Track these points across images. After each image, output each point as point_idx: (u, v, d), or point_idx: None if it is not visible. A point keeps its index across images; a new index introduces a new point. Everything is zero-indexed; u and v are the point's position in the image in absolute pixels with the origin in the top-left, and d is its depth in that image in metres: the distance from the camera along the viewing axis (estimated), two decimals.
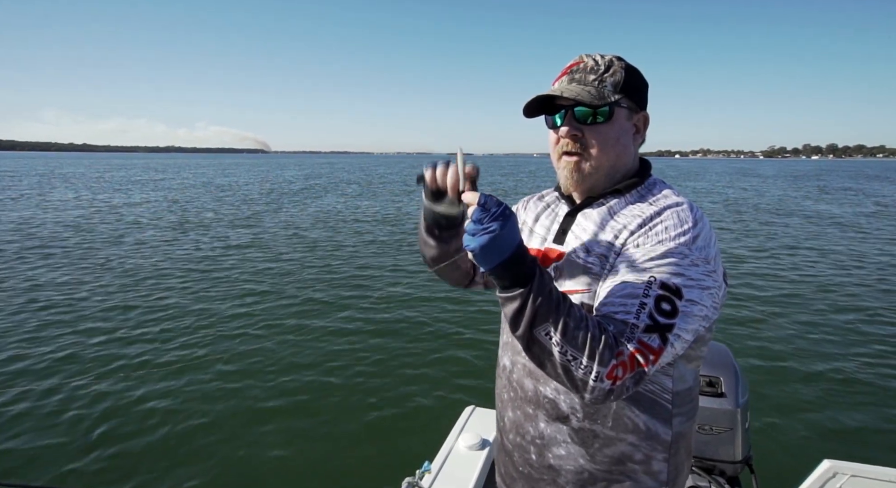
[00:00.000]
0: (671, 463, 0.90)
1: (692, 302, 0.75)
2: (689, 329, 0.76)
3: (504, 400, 1.03)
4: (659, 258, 0.77)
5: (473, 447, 1.76)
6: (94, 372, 3.88)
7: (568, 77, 0.89)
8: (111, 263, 7.55)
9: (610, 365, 0.70)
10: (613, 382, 0.70)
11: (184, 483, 2.70)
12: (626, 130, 0.90)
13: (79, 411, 3.35)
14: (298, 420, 3.32)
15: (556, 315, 0.71)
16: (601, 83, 0.86)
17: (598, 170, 0.89)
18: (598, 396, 0.72)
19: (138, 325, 4.92)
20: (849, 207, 16.81)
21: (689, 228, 0.79)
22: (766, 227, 12.00)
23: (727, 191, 24.38)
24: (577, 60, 0.90)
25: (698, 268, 0.77)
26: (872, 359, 4.15)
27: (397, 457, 2.90)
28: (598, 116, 0.86)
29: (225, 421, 3.30)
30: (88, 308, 5.42)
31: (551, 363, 0.73)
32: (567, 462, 0.91)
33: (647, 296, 0.74)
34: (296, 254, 8.56)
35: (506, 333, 1.04)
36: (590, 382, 0.70)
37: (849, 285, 6.54)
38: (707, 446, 1.65)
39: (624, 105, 0.88)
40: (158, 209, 14.90)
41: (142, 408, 3.42)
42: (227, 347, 4.48)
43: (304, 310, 5.54)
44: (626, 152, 0.91)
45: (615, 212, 0.89)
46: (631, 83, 0.88)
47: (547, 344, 0.71)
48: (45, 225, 11.31)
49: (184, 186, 25.69)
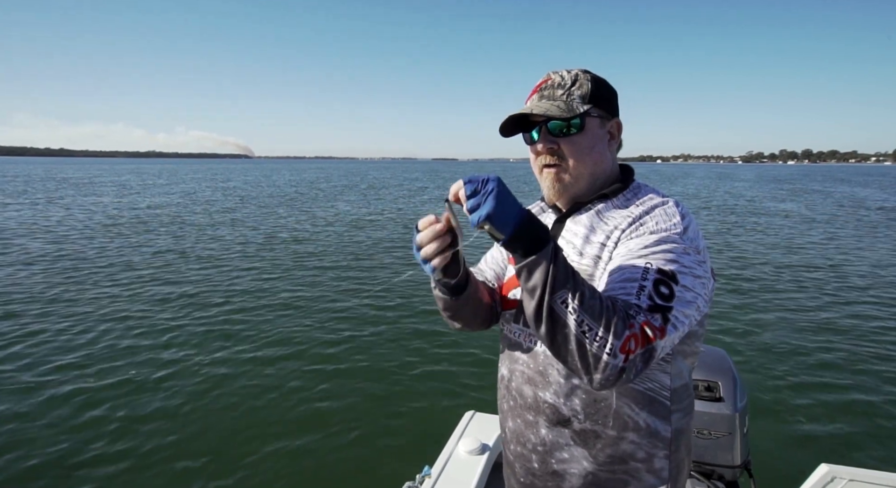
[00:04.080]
0: (672, 461, 0.91)
1: (686, 288, 0.77)
2: (686, 314, 0.77)
3: (504, 410, 1.03)
4: (653, 246, 0.80)
5: (473, 452, 1.77)
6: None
7: (538, 95, 0.94)
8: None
9: (624, 336, 0.69)
10: (626, 357, 0.69)
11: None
12: (601, 138, 0.94)
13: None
14: (299, 425, 3.31)
15: (573, 281, 0.71)
16: (569, 96, 0.91)
17: (579, 178, 0.93)
18: (610, 375, 0.69)
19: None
20: (846, 209, 17.20)
21: (678, 221, 0.83)
22: (758, 230, 12.22)
23: (714, 195, 24.87)
24: (545, 78, 0.95)
25: (690, 257, 0.80)
26: (870, 364, 4.20)
27: (398, 462, 2.91)
28: (571, 128, 0.90)
29: (224, 425, 3.29)
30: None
31: (564, 337, 0.70)
32: (571, 466, 0.91)
33: (645, 280, 0.76)
34: (290, 258, 8.49)
35: (504, 343, 1.04)
36: (603, 357, 0.68)
37: (847, 290, 6.61)
38: (706, 451, 1.66)
39: (594, 114, 0.92)
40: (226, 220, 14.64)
41: (140, 409, 3.40)
42: (226, 349, 4.46)
43: (302, 314, 5.50)
44: (603, 158, 0.95)
45: (603, 216, 0.92)
46: (598, 93, 0.92)
47: (563, 314, 0.70)
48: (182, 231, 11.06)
49: (212, 190, 26.24)
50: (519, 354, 0.98)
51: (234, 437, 3.16)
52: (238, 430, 3.24)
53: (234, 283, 6.83)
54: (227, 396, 3.68)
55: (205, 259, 8.44)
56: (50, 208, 16.36)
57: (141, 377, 3.91)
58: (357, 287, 6.75)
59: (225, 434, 3.20)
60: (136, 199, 20.23)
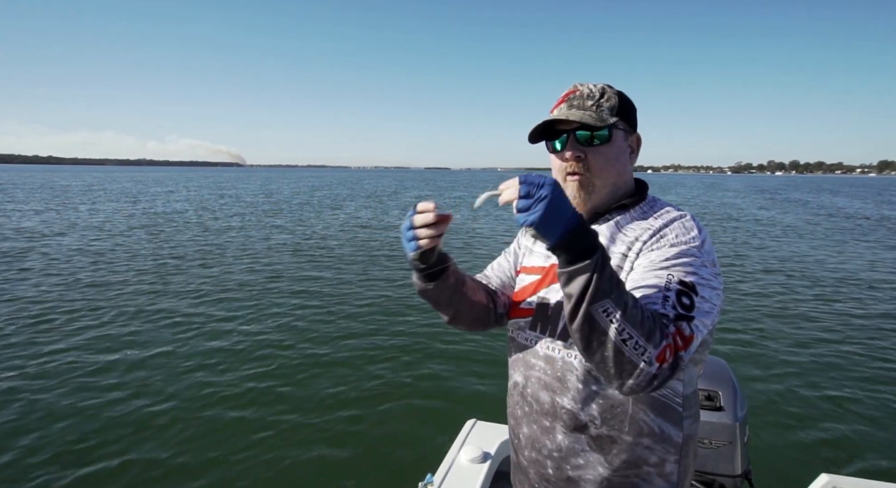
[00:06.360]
0: (682, 465, 0.93)
1: (705, 299, 0.80)
2: (706, 323, 0.79)
3: (518, 416, 1.03)
4: (674, 258, 0.83)
5: (475, 460, 1.77)
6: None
7: (567, 104, 0.96)
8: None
9: (661, 346, 0.71)
10: (660, 365, 0.71)
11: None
12: (624, 150, 0.97)
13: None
14: (300, 433, 3.28)
15: (618, 291, 0.72)
16: (599, 108, 0.94)
17: (603, 188, 0.95)
18: (642, 382, 0.72)
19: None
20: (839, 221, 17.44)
21: (696, 235, 0.87)
22: (757, 241, 12.26)
23: (708, 205, 25.12)
24: (572, 89, 0.98)
25: (708, 270, 0.83)
26: (870, 374, 4.21)
27: (400, 470, 2.89)
28: (596, 139, 0.93)
29: (223, 430, 3.28)
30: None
31: (601, 344, 0.72)
32: (587, 471, 0.93)
33: (668, 291, 0.78)
34: (297, 263, 8.46)
35: (517, 351, 1.05)
36: (640, 365, 0.70)
37: (846, 299, 6.64)
38: (706, 460, 1.65)
39: (621, 127, 0.95)
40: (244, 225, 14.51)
41: (139, 411, 3.44)
42: (223, 352, 4.47)
43: (302, 318, 5.49)
44: (625, 171, 0.98)
45: (622, 227, 0.94)
46: (624, 107, 0.96)
47: (603, 322, 0.71)
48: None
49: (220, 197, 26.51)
50: (535, 361, 0.99)
51: (234, 442, 3.13)
52: (238, 435, 3.22)
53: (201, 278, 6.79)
54: (228, 398, 3.68)
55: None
56: (92, 212, 17.55)
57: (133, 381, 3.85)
58: (355, 294, 6.71)
59: (224, 438, 3.18)
60: (175, 205, 20.83)
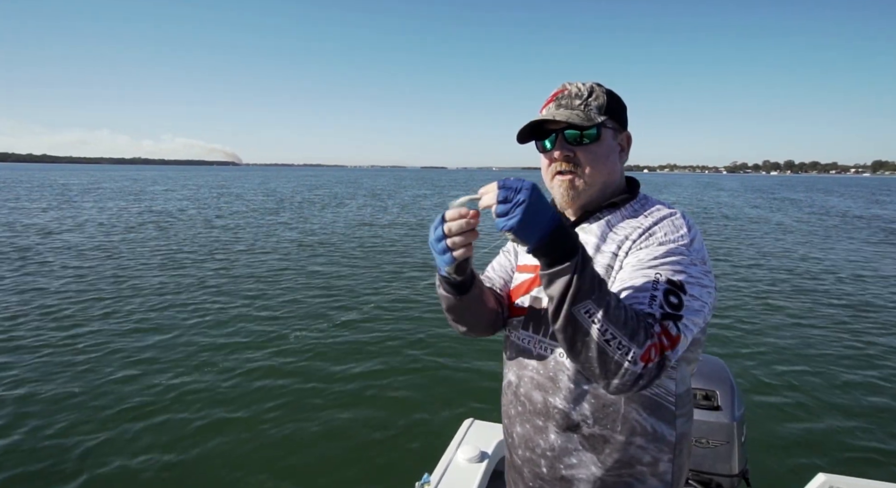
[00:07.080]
0: (675, 464, 0.93)
1: (694, 297, 0.80)
2: (695, 322, 0.79)
3: (511, 415, 1.03)
4: (662, 257, 0.83)
5: (472, 459, 1.77)
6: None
7: (555, 103, 0.96)
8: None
9: (645, 346, 0.71)
10: (645, 365, 0.71)
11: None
12: (613, 149, 0.97)
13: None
14: (298, 433, 3.28)
15: (599, 291, 0.72)
16: (587, 107, 0.94)
17: (592, 186, 0.95)
18: (627, 381, 0.72)
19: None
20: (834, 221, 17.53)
21: (685, 233, 0.86)
22: (754, 239, 12.29)
23: (706, 203, 25.22)
24: (561, 88, 0.97)
25: (697, 268, 0.83)
26: (868, 374, 4.22)
27: (397, 469, 2.89)
28: (585, 138, 0.93)
29: (220, 428, 3.27)
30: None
31: (585, 345, 0.72)
32: (580, 471, 0.92)
33: (656, 290, 0.78)
34: (289, 258, 8.41)
35: (511, 350, 1.04)
36: (624, 365, 0.71)
37: (846, 299, 6.65)
38: (704, 460, 1.65)
39: (609, 125, 0.95)
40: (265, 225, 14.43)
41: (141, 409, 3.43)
42: (221, 354, 4.48)
43: (301, 318, 5.48)
44: (615, 169, 0.97)
45: (613, 226, 0.94)
46: (613, 106, 0.96)
47: (585, 323, 0.71)
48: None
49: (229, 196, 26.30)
50: (528, 360, 0.98)
51: (230, 441, 3.13)
52: (233, 433, 3.21)
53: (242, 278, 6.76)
54: (227, 398, 3.68)
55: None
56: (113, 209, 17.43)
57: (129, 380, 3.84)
58: (354, 294, 6.71)
59: (221, 437, 3.17)
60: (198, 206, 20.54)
